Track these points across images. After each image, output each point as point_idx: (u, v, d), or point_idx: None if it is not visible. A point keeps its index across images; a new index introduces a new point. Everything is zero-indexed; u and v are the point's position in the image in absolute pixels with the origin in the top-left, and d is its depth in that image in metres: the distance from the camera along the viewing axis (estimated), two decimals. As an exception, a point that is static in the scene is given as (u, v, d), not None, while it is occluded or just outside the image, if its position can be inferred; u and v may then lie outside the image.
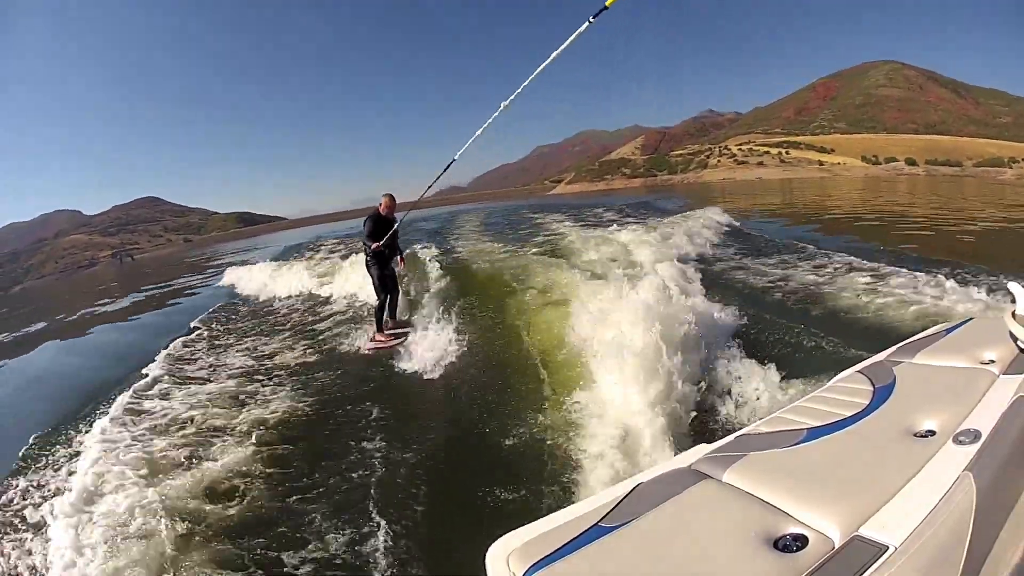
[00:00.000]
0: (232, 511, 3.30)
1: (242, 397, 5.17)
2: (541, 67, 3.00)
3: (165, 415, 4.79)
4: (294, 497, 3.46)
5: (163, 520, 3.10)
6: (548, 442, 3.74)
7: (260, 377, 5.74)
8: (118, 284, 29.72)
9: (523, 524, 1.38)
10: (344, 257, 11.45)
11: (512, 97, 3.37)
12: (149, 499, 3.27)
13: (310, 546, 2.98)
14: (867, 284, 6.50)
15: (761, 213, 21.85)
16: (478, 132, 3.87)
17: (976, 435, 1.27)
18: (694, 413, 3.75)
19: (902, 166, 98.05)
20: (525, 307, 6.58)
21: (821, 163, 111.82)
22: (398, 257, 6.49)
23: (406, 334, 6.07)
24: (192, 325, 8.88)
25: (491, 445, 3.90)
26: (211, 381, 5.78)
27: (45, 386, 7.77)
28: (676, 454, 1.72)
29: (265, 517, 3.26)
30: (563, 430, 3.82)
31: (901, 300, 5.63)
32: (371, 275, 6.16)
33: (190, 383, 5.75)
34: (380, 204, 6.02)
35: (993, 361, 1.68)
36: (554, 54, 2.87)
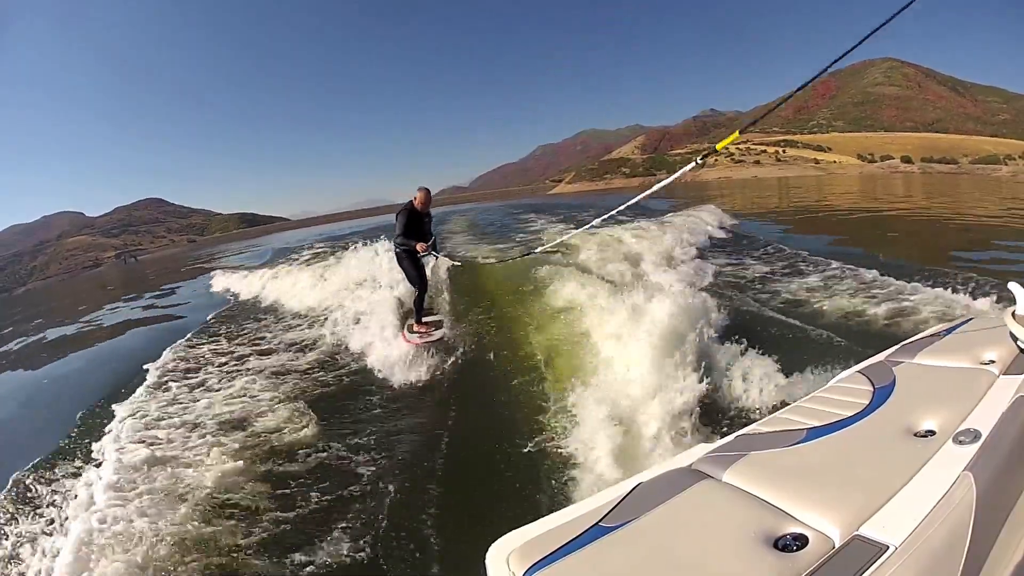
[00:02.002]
0: (233, 513, 3.30)
1: (239, 401, 5.14)
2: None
3: (165, 423, 4.79)
4: (295, 498, 3.45)
5: (163, 524, 3.10)
6: (549, 441, 3.74)
7: (255, 383, 5.61)
8: (125, 286, 29.36)
9: (523, 524, 1.38)
10: (333, 259, 11.33)
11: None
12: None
13: (312, 546, 2.98)
14: (866, 284, 6.49)
15: (755, 211, 21.87)
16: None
17: (976, 435, 1.27)
18: (694, 413, 3.75)
19: (898, 164, 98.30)
20: (525, 307, 6.57)
21: (817, 161, 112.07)
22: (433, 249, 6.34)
23: (441, 323, 6.03)
24: (184, 336, 8.30)
25: (492, 445, 3.89)
26: (208, 392, 5.69)
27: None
28: (676, 454, 1.71)
29: (267, 518, 3.26)
30: (564, 429, 3.82)
31: (900, 300, 5.62)
32: (403, 268, 6.11)
33: (188, 391, 5.73)
34: (415, 198, 5.80)
35: (993, 361, 1.67)
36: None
